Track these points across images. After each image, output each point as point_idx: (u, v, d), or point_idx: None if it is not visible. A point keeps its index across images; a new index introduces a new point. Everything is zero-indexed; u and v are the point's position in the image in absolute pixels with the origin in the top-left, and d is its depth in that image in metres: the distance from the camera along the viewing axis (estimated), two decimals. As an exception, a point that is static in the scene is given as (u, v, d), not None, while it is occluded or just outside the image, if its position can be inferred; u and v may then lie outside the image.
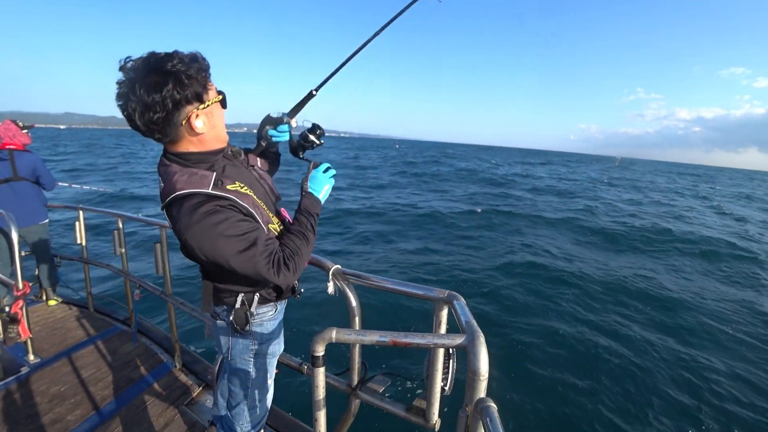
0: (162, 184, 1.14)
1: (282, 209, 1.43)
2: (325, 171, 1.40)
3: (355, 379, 1.56)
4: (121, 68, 1.01)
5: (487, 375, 0.97)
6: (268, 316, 1.40)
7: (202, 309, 1.34)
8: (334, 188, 1.45)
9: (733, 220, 19.45)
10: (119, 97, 1.02)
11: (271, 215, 1.28)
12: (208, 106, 1.11)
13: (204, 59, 1.09)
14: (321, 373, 1.11)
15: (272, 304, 1.39)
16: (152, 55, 1.01)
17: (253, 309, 1.33)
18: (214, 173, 1.14)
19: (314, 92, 1.50)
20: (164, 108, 1.01)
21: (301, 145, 1.45)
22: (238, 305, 1.31)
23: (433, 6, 1.80)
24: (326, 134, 1.50)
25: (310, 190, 1.35)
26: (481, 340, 1.00)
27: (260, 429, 1.58)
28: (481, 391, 0.96)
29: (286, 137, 1.46)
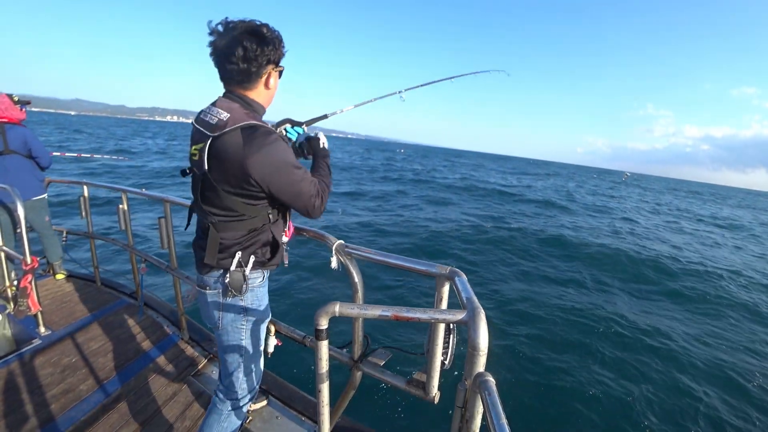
0: (223, 115, 1.25)
1: None
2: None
3: (357, 353, 1.59)
4: (219, 25, 1.22)
5: (486, 350, 0.99)
6: (257, 282, 1.46)
7: (206, 260, 1.37)
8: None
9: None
10: (221, 45, 1.22)
11: None
12: (279, 70, 1.37)
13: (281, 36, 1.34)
14: (324, 346, 1.13)
15: (260, 271, 1.46)
16: (253, 20, 1.24)
17: (247, 271, 1.39)
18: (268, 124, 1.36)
19: (328, 115, 1.91)
20: (261, 60, 1.26)
21: (303, 145, 1.71)
22: (233, 267, 1.37)
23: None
24: (334, 135, 1.69)
25: (326, 147, 1.66)
26: (482, 316, 1.01)
27: (256, 393, 1.66)
28: (481, 365, 0.98)
29: (294, 137, 1.72)
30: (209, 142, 1.23)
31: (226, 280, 1.37)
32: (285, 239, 1.53)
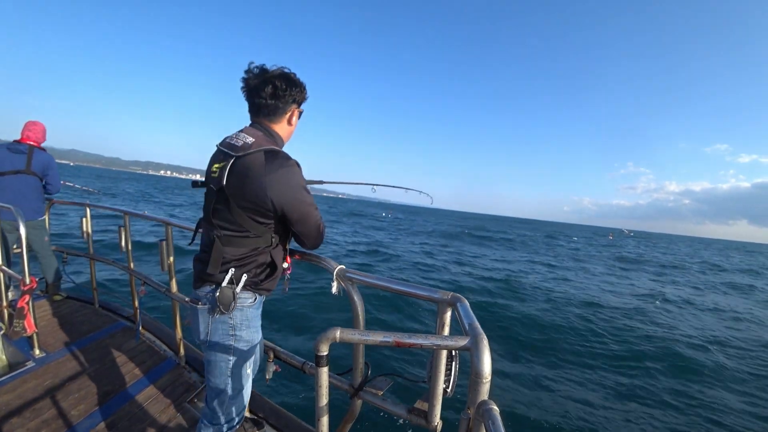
0: (249, 139, 1.37)
1: None
2: None
3: (358, 380, 1.56)
4: (255, 67, 1.40)
5: (489, 377, 0.97)
6: (248, 303, 1.46)
7: (208, 269, 1.40)
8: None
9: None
10: (254, 84, 1.40)
11: None
12: (300, 111, 1.55)
13: None
14: (324, 373, 1.11)
15: (251, 292, 1.47)
16: (286, 68, 1.45)
17: (238, 289, 1.40)
18: None
19: (324, 181, 2.04)
20: (288, 99, 1.45)
21: None
22: (225, 282, 1.38)
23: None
24: (325, 195, 1.70)
25: None
26: (485, 342, 1.00)
27: (241, 420, 1.62)
28: (484, 393, 0.96)
29: None
30: (232, 161, 1.34)
31: (216, 295, 1.38)
32: (285, 265, 1.58)
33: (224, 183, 1.33)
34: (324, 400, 1.15)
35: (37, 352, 2.77)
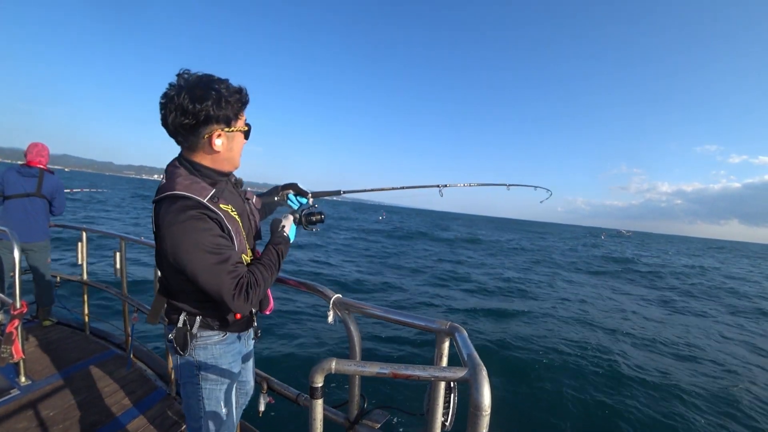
0: (164, 181, 1.22)
1: (258, 250, 1.49)
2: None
3: (354, 413, 1.51)
4: (178, 75, 1.16)
5: (489, 410, 0.94)
6: (213, 340, 1.35)
7: (147, 320, 1.38)
8: None
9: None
10: (165, 97, 1.15)
11: (247, 247, 1.36)
12: (232, 131, 1.24)
13: (246, 95, 1.25)
14: (319, 405, 1.08)
15: (217, 330, 1.36)
16: (207, 75, 1.17)
17: (194, 330, 1.31)
18: (214, 189, 1.23)
19: (342, 192, 1.78)
20: (196, 118, 1.14)
21: (301, 218, 1.63)
22: (180, 324, 1.31)
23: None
24: (321, 197, 1.73)
25: (288, 234, 1.47)
26: (484, 374, 0.97)
27: None
28: (483, 427, 0.93)
29: (296, 206, 1.66)
30: (153, 207, 1.22)
31: (171, 337, 1.32)
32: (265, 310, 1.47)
33: (153, 230, 1.24)
34: (318, 434, 1.11)
35: (23, 379, 2.69)
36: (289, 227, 1.49)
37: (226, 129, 1.22)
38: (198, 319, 1.31)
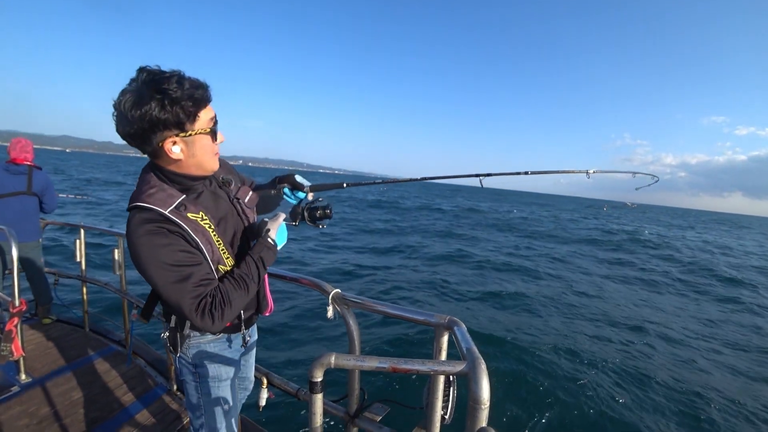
0: (135, 188, 1.15)
1: None
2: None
3: (354, 407, 1.52)
4: (136, 74, 1.02)
5: (488, 403, 0.94)
6: (207, 339, 1.34)
7: (139, 318, 1.38)
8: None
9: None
10: (116, 100, 1.03)
11: (225, 256, 1.24)
12: (189, 135, 1.08)
13: (205, 89, 1.09)
14: (318, 400, 1.08)
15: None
16: (158, 72, 1.01)
17: (186, 331, 1.30)
18: (183, 196, 1.15)
19: (345, 185, 1.52)
20: (140, 125, 1.01)
21: (303, 214, 1.41)
22: (172, 324, 1.30)
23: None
24: (320, 171, 1.53)
25: (274, 240, 1.32)
26: (483, 367, 0.98)
27: None
28: (483, 420, 0.94)
29: (293, 201, 1.48)
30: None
31: (165, 336, 1.33)
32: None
33: None
34: (318, 428, 1.11)
35: (23, 376, 2.69)
36: (275, 230, 1.33)
37: (182, 134, 1.07)
38: (188, 322, 1.30)
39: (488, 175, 1.56)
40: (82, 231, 3.47)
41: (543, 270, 12.82)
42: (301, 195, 1.46)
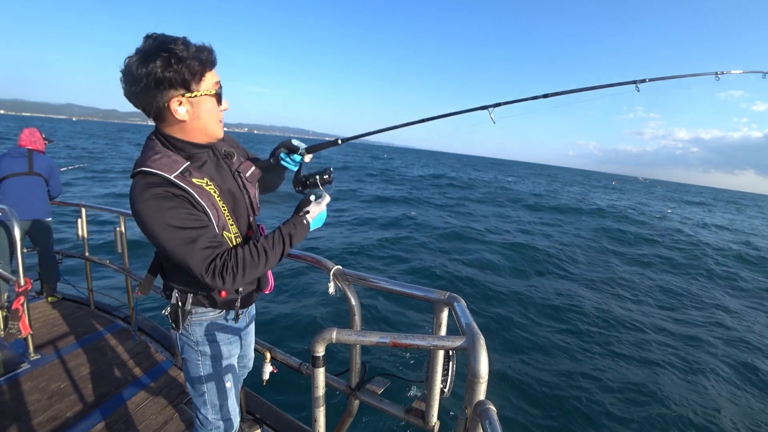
0: (140, 155, 1.15)
1: (260, 225, 1.42)
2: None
3: (355, 380, 1.55)
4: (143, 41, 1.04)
5: (486, 377, 0.96)
6: (209, 316, 1.35)
7: (139, 290, 1.39)
8: None
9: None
10: (124, 62, 1.05)
11: (230, 223, 1.24)
12: (195, 96, 1.09)
13: (211, 52, 1.11)
14: (321, 374, 1.11)
15: (207, 307, 1.34)
16: (163, 35, 1.03)
17: (187, 307, 1.29)
18: (187, 163, 1.15)
19: (339, 142, 1.45)
20: (147, 84, 1.02)
21: (305, 181, 1.36)
22: (173, 300, 1.30)
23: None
24: (326, 138, 1.49)
25: (310, 221, 1.28)
26: (482, 342, 0.99)
27: (231, 427, 1.53)
28: (481, 393, 0.96)
29: (293, 167, 1.39)
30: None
31: (165, 312, 1.32)
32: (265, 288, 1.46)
33: None
34: (321, 400, 1.14)
35: (32, 354, 2.75)
36: (316, 213, 1.30)
37: (188, 94, 1.08)
38: (190, 296, 1.29)
39: (497, 105, 1.54)
40: (83, 210, 3.48)
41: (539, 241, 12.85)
42: (298, 158, 1.38)
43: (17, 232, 2.59)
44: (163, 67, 1.01)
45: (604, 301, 8.21)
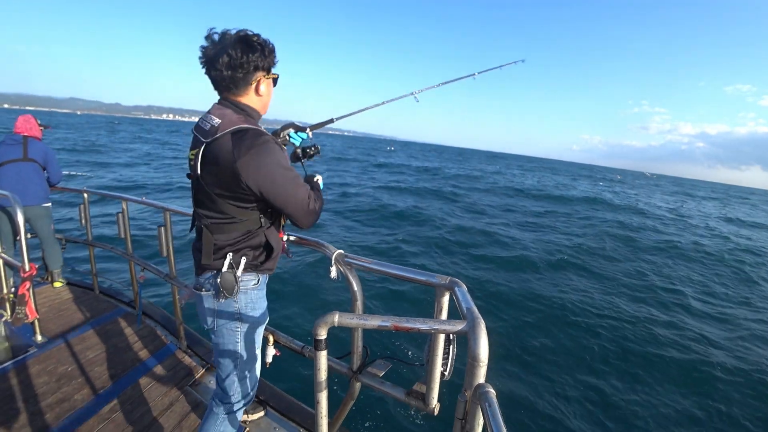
0: (215, 121, 1.29)
1: None
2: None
3: (357, 363, 1.57)
4: (215, 33, 1.27)
5: (486, 361, 0.98)
6: (251, 285, 1.45)
7: (202, 260, 1.40)
8: None
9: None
10: (211, 54, 1.27)
11: None
12: (270, 78, 1.41)
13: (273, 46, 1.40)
14: (323, 357, 1.12)
15: (254, 274, 1.45)
16: (244, 30, 1.29)
17: (239, 273, 1.39)
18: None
19: (334, 119, 1.95)
20: (248, 67, 1.29)
21: (306, 150, 1.74)
22: (225, 268, 1.37)
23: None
24: (330, 133, 1.66)
25: (320, 185, 1.64)
26: (482, 326, 1.00)
27: (251, 399, 1.62)
28: (481, 376, 0.98)
29: (298, 142, 1.74)
30: (203, 147, 1.28)
31: (218, 281, 1.37)
32: (284, 238, 1.60)
33: (199, 173, 1.30)
34: (323, 383, 1.16)
35: (39, 338, 2.79)
36: (320, 179, 1.66)
37: (267, 76, 1.39)
38: (243, 259, 1.39)
39: (421, 90, 2.32)
40: (85, 195, 3.49)
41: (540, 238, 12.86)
42: (303, 135, 1.75)
43: (20, 218, 2.59)
44: (261, 56, 1.31)
45: (612, 290, 8.26)
